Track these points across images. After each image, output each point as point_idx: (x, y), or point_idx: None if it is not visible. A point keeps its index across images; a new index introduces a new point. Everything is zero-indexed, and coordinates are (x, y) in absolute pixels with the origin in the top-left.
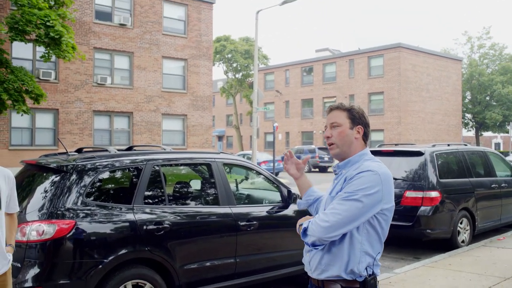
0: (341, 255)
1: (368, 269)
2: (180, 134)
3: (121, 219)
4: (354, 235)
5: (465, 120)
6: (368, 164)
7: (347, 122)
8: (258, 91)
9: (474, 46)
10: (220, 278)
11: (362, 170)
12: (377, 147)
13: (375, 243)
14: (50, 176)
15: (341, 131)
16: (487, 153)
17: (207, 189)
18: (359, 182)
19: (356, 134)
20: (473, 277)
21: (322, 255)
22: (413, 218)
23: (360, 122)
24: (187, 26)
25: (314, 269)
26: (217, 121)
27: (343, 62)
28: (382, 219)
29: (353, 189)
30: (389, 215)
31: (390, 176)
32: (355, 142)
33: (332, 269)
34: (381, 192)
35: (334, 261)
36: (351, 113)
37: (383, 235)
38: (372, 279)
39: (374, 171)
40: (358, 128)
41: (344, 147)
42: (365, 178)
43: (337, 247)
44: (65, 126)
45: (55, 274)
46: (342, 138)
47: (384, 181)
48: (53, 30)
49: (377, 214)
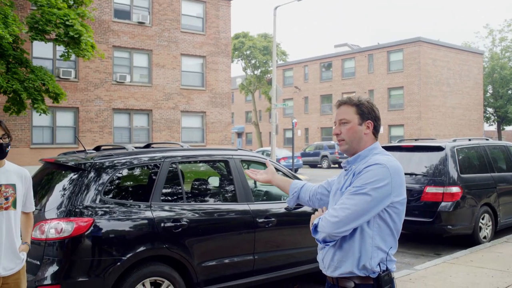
0: (352, 251)
1: (382, 265)
2: (199, 131)
3: (139, 216)
4: (365, 230)
5: (486, 115)
6: (377, 158)
7: (355, 118)
8: (277, 87)
9: (495, 39)
10: (238, 275)
11: (370, 164)
12: (397, 142)
13: (387, 237)
14: (68, 174)
15: (350, 128)
16: (509, 147)
17: (225, 186)
18: (367, 176)
19: (366, 130)
20: (495, 274)
21: (334, 252)
22: (434, 214)
23: (370, 117)
24: (205, 23)
25: (328, 266)
26: (236, 118)
27: (362, 57)
28: (393, 213)
29: (362, 183)
30: (401, 208)
31: (399, 168)
32: (365, 137)
33: (344, 266)
34: (390, 185)
35: (346, 257)
36: (360, 108)
37: (395, 229)
38: (386, 275)
39: (382, 164)
40: (367, 123)
41: (354, 143)
42: (373, 171)
43: (348, 243)
44: (85, 125)
45: (73, 271)
46: (351, 135)
47: (393, 174)
48: (73, 29)
49: (387, 207)
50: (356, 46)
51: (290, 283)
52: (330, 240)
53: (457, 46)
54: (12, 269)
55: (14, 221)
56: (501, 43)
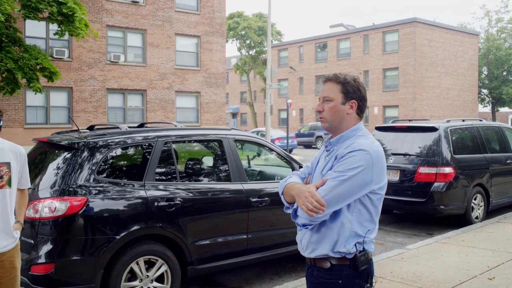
0: (330, 234)
1: (358, 245)
2: (193, 112)
3: (132, 195)
4: (344, 214)
5: (481, 96)
6: (360, 142)
7: (339, 96)
8: (272, 67)
9: (492, 20)
10: (232, 254)
11: (354, 149)
12: (391, 122)
13: (366, 222)
14: (62, 154)
15: (333, 106)
16: (502, 128)
17: (218, 166)
18: (349, 162)
19: (349, 110)
20: (486, 253)
21: (312, 234)
22: (427, 194)
23: (354, 97)
24: (200, 3)
25: (306, 247)
26: (231, 98)
27: (357, 38)
28: (375, 198)
29: (344, 168)
30: (382, 193)
31: (381, 154)
32: (347, 117)
33: (321, 248)
34: (371, 172)
35: (323, 240)
36: (345, 87)
37: (375, 213)
38: (363, 256)
39: (366, 150)
40: (351, 103)
41: (335, 122)
42: (356, 157)
43: (326, 226)
44: (79, 105)
45: (67, 250)
46: (334, 114)
47: (375, 160)
48: (66, 7)
49: (368, 193)
50: (351, 26)
51: (283, 262)
52: (309, 224)
53: (453, 27)
54: (5, 246)
55: (9, 199)
56: (497, 24)
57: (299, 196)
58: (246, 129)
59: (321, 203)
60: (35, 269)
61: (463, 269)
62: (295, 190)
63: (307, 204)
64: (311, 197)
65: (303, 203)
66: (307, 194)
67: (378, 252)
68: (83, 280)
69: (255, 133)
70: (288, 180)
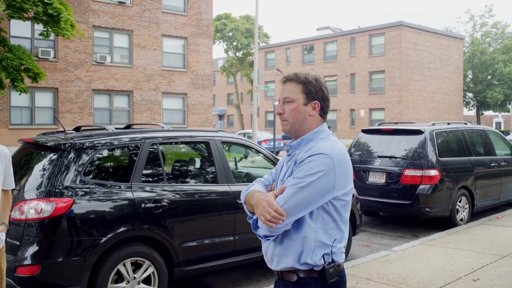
0: (294, 245)
1: (326, 256)
2: (180, 113)
3: (119, 197)
4: (307, 223)
5: (466, 99)
6: (321, 146)
7: (301, 97)
8: (259, 69)
9: (476, 25)
10: (218, 255)
11: (313, 153)
12: (377, 125)
13: (331, 231)
14: (48, 155)
15: (294, 108)
16: (487, 131)
17: (205, 167)
18: (308, 167)
19: (311, 111)
20: (470, 255)
21: (275, 245)
22: (412, 196)
23: (317, 97)
24: (187, 4)
25: (271, 260)
26: (218, 100)
27: (344, 41)
28: (339, 205)
29: (303, 174)
30: (347, 199)
31: (344, 156)
32: (310, 119)
33: (286, 260)
34: (333, 177)
35: (287, 252)
36: (306, 87)
37: (341, 221)
38: (332, 268)
39: (326, 154)
40: (314, 103)
41: (296, 124)
42: (315, 162)
43: (289, 237)
44: (64, 105)
45: (53, 252)
46: (295, 115)
47: (337, 165)
48: (51, 7)
49: (332, 200)
50: (338, 29)
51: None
52: (270, 235)
53: (438, 31)
54: None
55: None
56: (482, 28)
57: (257, 206)
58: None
59: (280, 213)
60: (21, 271)
61: (448, 270)
62: (253, 199)
63: (265, 214)
64: (269, 207)
65: (261, 213)
66: (264, 204)
67: (364, 254)
68: (69, 282)
69: (242, 135)
70: (250, 188)
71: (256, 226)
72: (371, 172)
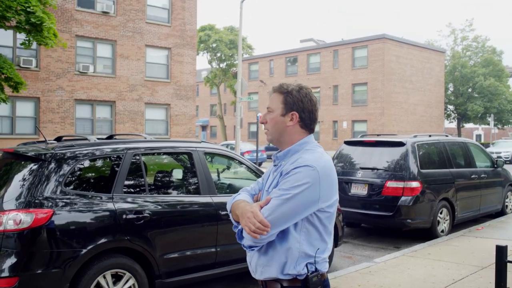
0: (278, 257)
1: (309, 265)
2: (163, 124)
3: (100, 208)
4: (292, 234)
5: (447, 112)
6: (307, 157)
7: (280, 107)
8: (242, 81)
9: (457, 38)
10: (200, 267)
11: (299, 165)
12: (360, 137)
13: (316, 242)
14: (28, 165)
15: (272, 118)
16: (467, 144)
17: (188, 178)
18: (294, 179)
19: (289, 122)
20: (451, 266)
21: (259, 256)
22: (394, 208)
23: (295, 108)
24: (171, 15)
25: (255, 270)
26: (201, 111)
27: (327, 53)
28: (323, 217)
29: (288, 186)
30: (331, 211)
31: (330, 169)
32: (288, 130)
33: (270, 270)
34: (318, 189)
35: (271, 262)
36: (285, 98)
37: (326, 233)
38: (315, 277)
39: (311, 166)
40: (291, 114)
41: (276, 134)
42: (301, 174)
43: (274, 248)
44: (46, 115)
45: (32, 263)
46: (273, 126)
47: (323, 177)
48: (34, 16)
49: (317, 211)
50: (321, 41)
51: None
52: (255, 246)
53: (420, 44)
54: None
55: None
56: (463, 42)
57: (242, 217)
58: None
59: (265, 224)
60: None
61: (429, 281)
62: (239, 210)
63: (250, 225)
64: (253, 218)
65: (246, 223)
66: (249, 215)
67: (346, 265)
68: None
69: (225, 146)
70: (236, 198)
71: (241, 236)
72: (354, 184)
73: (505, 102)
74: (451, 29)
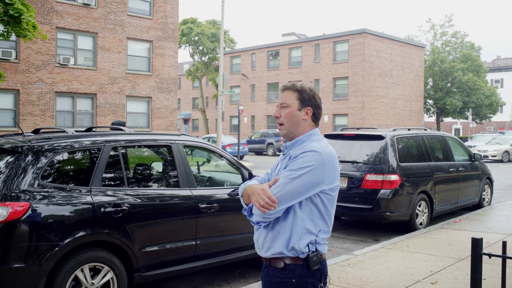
0: (284, 232)
1: (311, 245)
2: (144, 117)
3: (78, 201)
4: (296, 212)
5: (427, 106)
6: (313, 145)
7: (296, 103)
8: (224, 74)
9: (437, 34)
10: (180, 260)
11: (306, 150)
12: (340, 130)
13: (317, 220)
14: (4, 157)
15: (289, 112)
16: (446, 137)
17: (167, 171)
18: (301, 161)
19: (304, 116)
20: (429, 258)
21: (267, 233)
22: (373, 200)
23: (310, 104)
24: (153, 7)
25: (262, 247)
26: (183, 104)
27: (309, 47)
28: (325, 199)
29: (296, 167)
30: (333, 194)
31: (333, 156)
32: (303, 123)
33: (275, 246)
34: (322, 172)
35: (277, 237)
36: (301, 95)
37: (327, 214)
38: (315, 256)
39: (317, 151)
40: (307, 109)
41: (292, 127)
42: (308, 157)
43: (280, 224)
44: (26, 107)
45: (8, 257)
46: (290, 119)
47: (327, 162)
48: (12, 8)
49: (320, 193)
50: (303, 35)
51: (232, 268)
52: (263, 221)
53: (400, 39)
54: None
55: None
56: (442, 37)
57: (253, 194)
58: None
59: (273, 200)
60: None
61: (408, 274)
62: (250, 189)
63: (259, 200)
64: (263, 194)
65: (256, 199)
66: (259, 191)
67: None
68: None
69: (207, 139)
70: (247, 183)
71: (250, 213)
72: None
73: (483, 97)
74: (430, 24)
